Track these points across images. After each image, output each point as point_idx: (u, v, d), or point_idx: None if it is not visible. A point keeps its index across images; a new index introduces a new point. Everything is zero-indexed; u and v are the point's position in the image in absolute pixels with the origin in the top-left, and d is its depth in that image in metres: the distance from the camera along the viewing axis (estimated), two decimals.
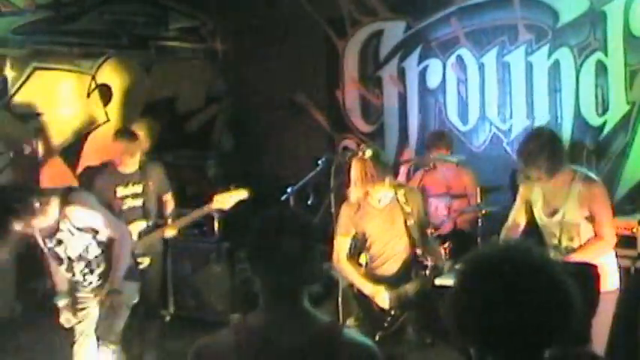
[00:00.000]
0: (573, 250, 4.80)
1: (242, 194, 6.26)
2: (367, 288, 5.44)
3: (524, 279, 2.12)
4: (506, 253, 2.21)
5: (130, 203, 6.46)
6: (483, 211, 6.51)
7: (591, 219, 4.79)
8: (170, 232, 6.41)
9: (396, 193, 5.47)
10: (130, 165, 6.49)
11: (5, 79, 8.30)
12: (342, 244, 5.55)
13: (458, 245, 6.48)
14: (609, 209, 4.87)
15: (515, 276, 2.12)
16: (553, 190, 4.87)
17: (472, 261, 2.23)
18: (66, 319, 5.18)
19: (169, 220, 6.66)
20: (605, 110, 7.44)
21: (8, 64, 8.39)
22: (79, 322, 5.18)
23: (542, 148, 4.67)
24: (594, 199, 4.76)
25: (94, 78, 9.05)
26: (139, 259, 6.12)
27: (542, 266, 2.16)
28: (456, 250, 6.34)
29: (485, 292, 2.14)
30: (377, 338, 5.33)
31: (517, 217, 5.14)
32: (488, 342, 2.19)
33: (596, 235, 4.78)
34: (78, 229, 4.94)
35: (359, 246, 5.70)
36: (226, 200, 6.22)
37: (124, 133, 6.60)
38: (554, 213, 4.87)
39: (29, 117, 8.47)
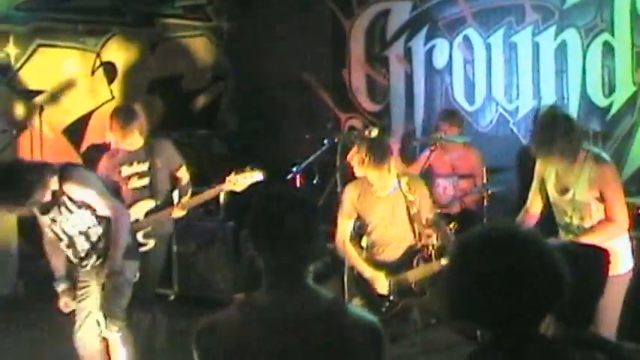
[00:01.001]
0: (584, 230, 4.76)
1: (258, 176, 6.00)
2: (367, 272, 5.44)
3: (514, 256, 2.17)
4: (496, 231, 2.25)
5: (135, 183, 6.34)
6: (489, 192, 6.50)
7: (602, 199, 4.71)
8: (178, 213, 6.29)
9: (399, 182, 5.45)
10: (134, 143, 6.27)
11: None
12: (344, 226, 5.54)
13: (465, 225, 6.47)
14: (620, 191, 4.77)
15: (504, 253, 2.17)
16: (565, 168, 4.79)
17: (463, 240, 2.29)
18: (65, 303, 5.14)
19: (176, 200, 6.52)
20: (611, 91, 7.42)
21: (11, 41, 8.36)
22: (80, 301, 5.15)
23: (561, 137, 4.56)
24: (605, 181, 4.69)
25: (98, 55, 9.03)
26: (144, 240, 6.10)
27: (531, 244, 2.21)
28: (463, 230, 6.32)
29: (475, 268, 2.18)
30: None
31: (533, 198, 5.06)
32: (479, 318, 2.24)
33: (607, 218, 4.73)
34: (77, 205, 4.94)
35: (360, 230, 5.70)
36: (240, 182, 6.02)
37: (119, 112, 6.43)
38: (565, 191, 4.80)
39: (32, 94, 8.45)
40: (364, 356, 2.49)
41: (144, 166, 6.28)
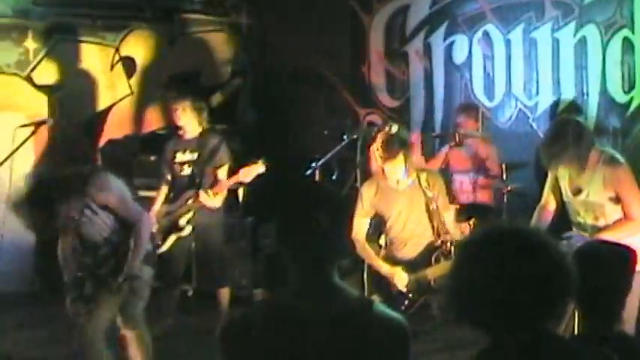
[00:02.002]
0: (598, 229, 4.76)
1: (260, 168, 6.28)
2: (384, 269, 5.44)
3: (521, 255, 2.16)
4: (503, 231, 2.26)
5: (184, 171, 6.53)
6: (508, 188, 6.50)
7: (617, 200, 4.74)
8: (214, 202, 6.46)
9: (417, 177, 5.44)
10: (191, 131, 6.54)
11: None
12: (361, 225, 5.54)
13: (482, 221, 6.47)
14: (636, 189, 4.81)
15: (511, 252, 2.17)
16: (577, 171, 4.82)
17: (470, 238, 2.34)
18: (75, 310, 5.11)
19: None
20: (631, 87, 7.39)
21: (30, 36, 8.39)
22: (89, 303, 5.10)
23: (571, 145, 4.64)
24: (619, 181, 4.72)
25: (117, 50, 9.04)
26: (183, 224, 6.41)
27: (539, 244, 2.20)
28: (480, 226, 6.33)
29: (481, 267, 2.19)
30: None
31: (547, 196, 5.09)
32: (483, 317, 2.23)
33: (625, 217, 4.73)
34: (101, 208, 4.97)
35: (378, 227, 5.71)
36: (247, 173, 6.27)
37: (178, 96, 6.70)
38: (578, 192, 4.83)
39: (51, 89, 8.48)
40: (390, 354, 2.48)
41: (193, 156, 6.55)
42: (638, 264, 4.45)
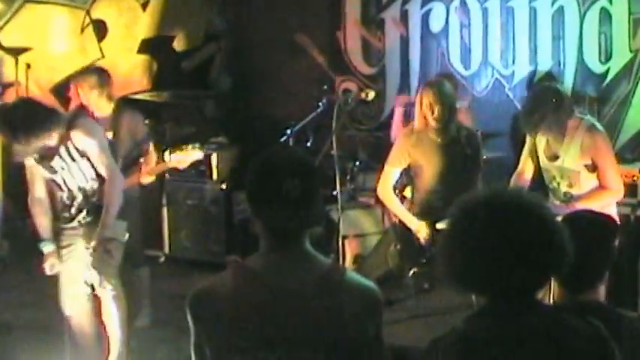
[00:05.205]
0: (572, 197, 4.81)
1: (197, 155, 6.11)
2: (411, 222, 5.47)
3: (514, 220, 2.14)
4: (496, 195, 2.23)
5: None
6: (484, 157, 6.47)
7: (593, 168, 4.79)
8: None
9: (458, 133, 5.45)
10: (101, 108, 5.97)
11: None
12: (389, 175, 5.63)
13: None
14: (613, 159, 4.91)
15: (504, 216, 2.14)
16: (554, 137, 4.88)
17: (462, 203, 2.25)
18: (51, 265, 5.06)
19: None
20: (608, 58, 7.40)
21: None
22: (64, 261, 5.09)
23: (550, 112, 4.71)
24: (597, 149, 4.79)
25: (88, 13, 8.86)
26: None
27: (532, 208, 2.18)
28: None
29: (473, 233, 2.15)
30: (412, 273, 5.42)
31: (524, 163, 5.14)
32: (477, 282, 2.21)
33: (602, 186, 4.78)
34: (79, 153, 4.88)
35: (408, 178, 5.80)
36: (182, 160, 6.07)
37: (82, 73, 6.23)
38: (555, 157, 4.89)
39: (19, 52, 8.31)
40: (362, 322, 2.46)
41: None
42: None
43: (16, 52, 8.26)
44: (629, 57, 7.27)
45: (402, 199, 5.86)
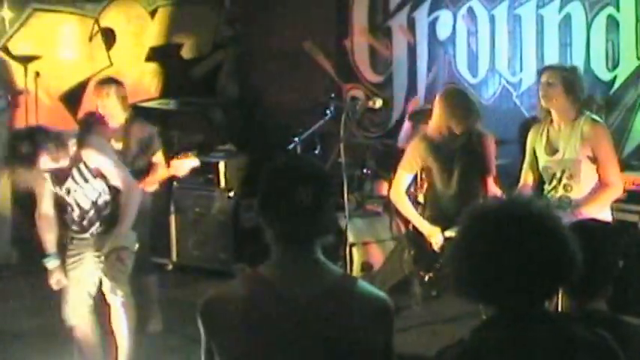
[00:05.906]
0: (570, 202, 4.81)
1: (194, 162, 6.05)
2: (424, 227, 5.46)
3: (524, 230, 2.12)
4: (507, 205, 2.23)
5: None
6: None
7: (594, 160, 4.84)
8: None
9: (470, 136, 5.44)
10: (116, 117, 6.09)
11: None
12: (402, 179, 5.64)
13: None
14: (613, 153, 4.98)
15: (514, 226, 2.13)
16: (557, 130, 4.95)
17: (472, 212, 2.24)
18: (57, 280, 5.05)
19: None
20: (615, 65, 7.36)
21: (5, 4, 8.23)
22: (70, 270, 5.08)
23: (563, 91, 4.84)
24: (598, 139, 4.86)
25: (96, 21, 8.90)
26: None
27: (542, 218, 2.17)
28: None
29: (484, 242, 2.14)
30: (427, 278, 5.42)
31: (526, 174, 5.17)
32: (485, 291, 2.20)
33: (602, 183, 4.80)
34: (92, 174, 4.90)
35: (421, 182, 5.88)
36: (180, 167, 6.03)
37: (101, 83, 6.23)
38: (555, 151, 4.92)
39: (28, 60, 8.34)
40: (373, 332, 2.46)
41: (118, 145, 6.03)
42: None
43: (25, 60, 8.28)
44: (636, 64, 7.23)
45: (416, 204, 5.86)
